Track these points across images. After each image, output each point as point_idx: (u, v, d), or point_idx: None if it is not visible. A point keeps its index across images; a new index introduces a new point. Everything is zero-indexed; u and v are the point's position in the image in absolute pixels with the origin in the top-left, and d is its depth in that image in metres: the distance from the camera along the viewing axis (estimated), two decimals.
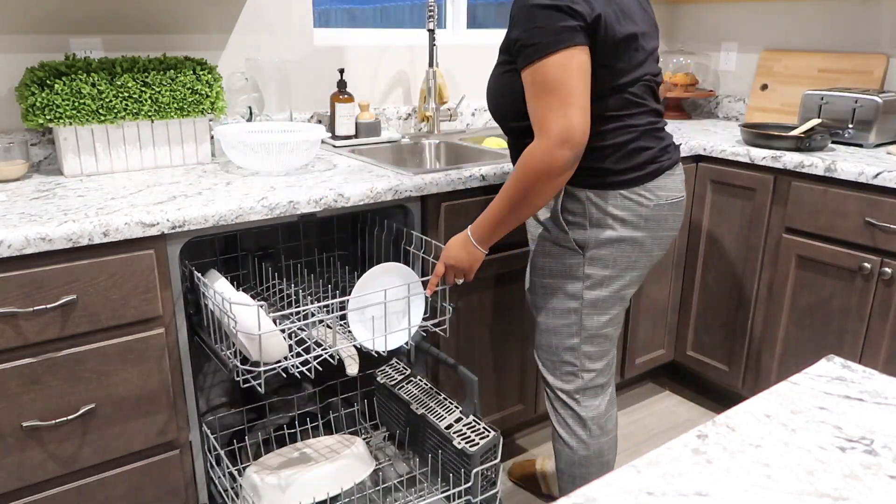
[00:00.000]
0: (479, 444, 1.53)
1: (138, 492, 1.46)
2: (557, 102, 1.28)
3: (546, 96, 1.29)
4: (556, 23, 1.27)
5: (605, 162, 1.39)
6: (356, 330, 1.50)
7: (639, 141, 1.41)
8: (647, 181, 1.42)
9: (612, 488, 0.60)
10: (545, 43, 1.28)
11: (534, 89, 1.31)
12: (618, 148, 1.39)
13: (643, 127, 1.41)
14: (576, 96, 1.28)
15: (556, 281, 1.51)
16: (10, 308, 1.23)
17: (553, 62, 1.28)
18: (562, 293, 1.51)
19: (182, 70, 1.72)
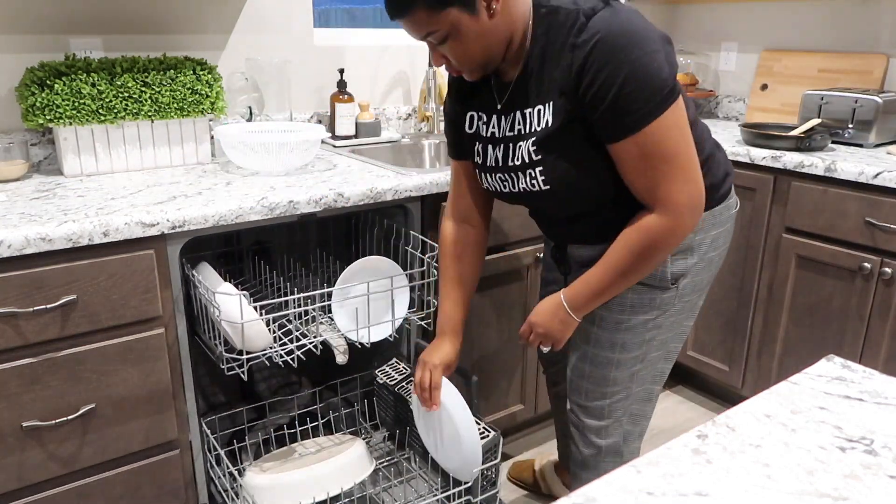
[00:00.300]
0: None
1: (138, 492, 1.46)
2: (679, 170, 1.12)
3: (662, 166, 1.12)
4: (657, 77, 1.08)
5: (707, 180, 1.25)
6: (340, 321, 1.54)
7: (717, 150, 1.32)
8: (731, 190, 1.34)
9: (612, 488, 0.60)
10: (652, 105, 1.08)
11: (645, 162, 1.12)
12: (709, 161, 1.27)
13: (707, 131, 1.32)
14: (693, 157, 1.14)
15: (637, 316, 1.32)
16: (10, 308, 1.23)
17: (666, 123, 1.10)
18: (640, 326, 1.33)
19: (182, 70, 1.72)
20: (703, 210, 1.18)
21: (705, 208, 1.26)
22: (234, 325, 1.39)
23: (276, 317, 1.60)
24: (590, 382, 1.40)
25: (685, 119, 1.13)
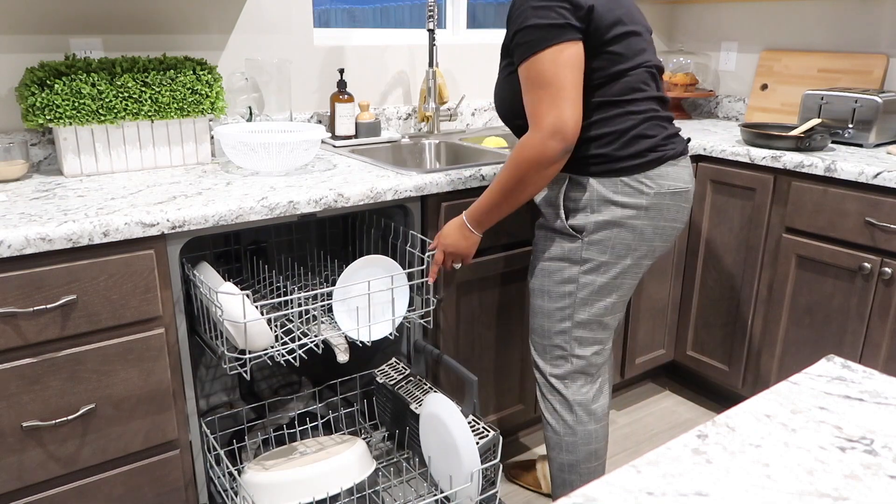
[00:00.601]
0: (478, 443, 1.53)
1: (138, 492, 1.46)
2: (549, 96, 1.34)
3: (538, 91, 1.35)
4: (547, 20, 1.33)
5: (608, 148, 1.42)
6: (341, 320, 1.55)
7: (640, 127, 1.43)
8: (648, 168, 1.44)
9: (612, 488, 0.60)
10: (537, 39, 1.34)
11: (527, 84, 1.37)
12: (620, 134, 1.42)
13: (645, 114, 1.44)
14: (567, 90, 1.34)
15: (554, 264, 1.54)
16: (10, 308, 1.23)
17: (544, 58, 1.34)
18: (559, 276, 1.54)
19: (182, 70, 1.72)
20: (568, 139, 1.35)
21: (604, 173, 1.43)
22: (236, 325, 1.40)
23: (277, 316, 1.61)
24: (534, 335, 1.64)
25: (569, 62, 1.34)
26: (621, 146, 1.42)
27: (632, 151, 1.43)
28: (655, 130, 1.45)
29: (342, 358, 1.57)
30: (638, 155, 1.43)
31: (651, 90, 1.46)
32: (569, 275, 1.52)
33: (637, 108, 1.43)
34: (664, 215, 1.48)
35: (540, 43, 1.33)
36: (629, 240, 1.48)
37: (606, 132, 1.42)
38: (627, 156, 1.43)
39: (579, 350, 1.58)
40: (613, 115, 1.42)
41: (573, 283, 1.52)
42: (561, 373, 1.61)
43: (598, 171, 1.44)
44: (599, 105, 1.42)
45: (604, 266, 1.50)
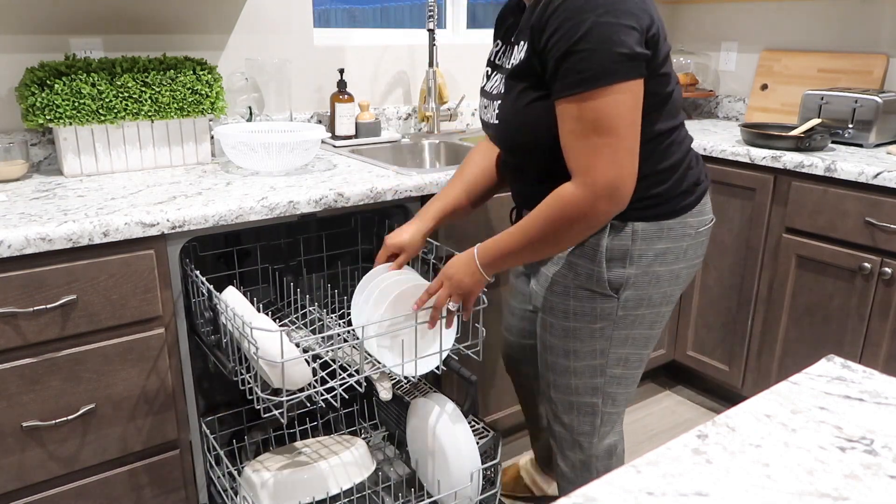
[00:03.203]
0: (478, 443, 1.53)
1: (138, 492, 1.46)
2: (610, 148, 1.08)
3: (594, 138, 1.08)
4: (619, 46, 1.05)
5: (661, 188, 1.21)
6: (383, 354, 1.41)
7: (688, 158, 1.25)
8: (695, 206, 1.26)
9: (612, 488, 0.60)
10: (602, 71, 1.05)
11: (579, 126, 1.09)
12: (673, 170, 1.22)
13: (687, 140, 1.26)
14: (630, 141, 1.09)
15: (583, 325, 1.31)
16: (10, 308, 1.23)
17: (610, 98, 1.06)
18: (587, 334, 1.32)
19: (182, 70, 1.72)
20: (623, 201, 1.12)
21: (654, 217, 1.22)
22: (273, 365, 1.26)
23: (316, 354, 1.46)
24: (555, 391, 1.41)
25: (635, 104, 1.09)
26: (674, 184, 1.22)
27: (682, 189, 1.23)
28: (696, 160, 1.27)
29: (386, 396, 1.46)
30: (687, 192, 1.24)
31: (682, 111, 1.25)
32: (601, 334, 1.31)
33: (683, 134, 1.25)
34: (698, 252, 1.30)
35: (607, 76, 1.05)
36: (666, 287, 1.28)
37: (660, 168, 1.20)
38: (678, 194, 1.23)
39: (612, 408, 1.40)
40: (665, 146, 1.20)
41: (606, 340, 1.31)
42: (588, 429, 1.42)
43: (646, 215, 1.22)
44: (649, 135, 1.17)
45: (639, 320, 1.30)
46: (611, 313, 1.29)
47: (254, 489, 1.53)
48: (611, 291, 1.27)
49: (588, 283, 1.27)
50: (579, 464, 1.47)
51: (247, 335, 1.25)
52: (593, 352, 1.33)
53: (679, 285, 1.31)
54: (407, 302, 1.40)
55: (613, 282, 1.25)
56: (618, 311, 1.28)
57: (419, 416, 1.59)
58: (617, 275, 1.25)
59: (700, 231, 1.29)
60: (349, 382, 1.37)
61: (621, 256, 1.24)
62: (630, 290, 1.26)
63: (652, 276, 1.26)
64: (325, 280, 1.99)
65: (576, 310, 1.31)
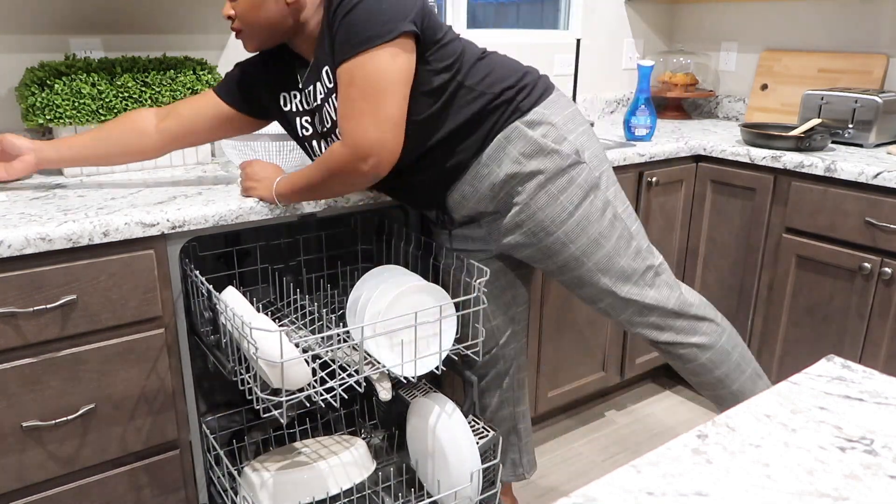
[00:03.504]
0: (478, 443, 1.53)
1: (138, 492, 1.46)
2: (371, 111, 1.22)
3: (359, 101, 1.22)
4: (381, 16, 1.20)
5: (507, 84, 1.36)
6: (382, 354, 1.42)
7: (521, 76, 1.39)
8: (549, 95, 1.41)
9: (612, 488, 0.60)
10: (370, 37, 1.20)
11: (346, 88, 1.24)
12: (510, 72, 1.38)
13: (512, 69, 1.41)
14: (393, 108, 1.23)
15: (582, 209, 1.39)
16: (10, 308, 1.23)
17: (375, 61, 1.21)
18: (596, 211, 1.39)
19: (182, 70, 1.72)
20: (382, 167, 1.25)
21: (523, 109, 1.34)
22: (272, 365, 1.27)
23: (318, 353, 1.47)
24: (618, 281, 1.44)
25: (401, 71, 1.21)
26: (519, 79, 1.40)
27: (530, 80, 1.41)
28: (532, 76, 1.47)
29: (385, 396, 1.47)
30: (538, 82, 1.43)
31: None
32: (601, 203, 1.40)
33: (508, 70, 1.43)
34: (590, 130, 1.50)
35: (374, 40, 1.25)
36: (591, 135, 1.45)
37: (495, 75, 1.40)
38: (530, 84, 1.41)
39: (655, 259, 1.47)
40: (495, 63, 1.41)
41: (608, 205, 1.41)
42: (666, 293, 1.47)
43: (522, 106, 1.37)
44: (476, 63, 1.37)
45: (605, 175, 1.42)
46: (591, 176, 1.39)
47: (254, 489, 1.54)
48: (578, 157, 1.38)
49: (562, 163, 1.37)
50: (689, 326, 1.49)
51: (246, 335, 1.25)
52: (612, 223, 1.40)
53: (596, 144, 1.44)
54: (406, 302, 1.40)
55: (570, 149, 1.37)
56: (593, 172, 1.40)
57: (419, 416, 1.59)
58: (568, 146, 1.37)
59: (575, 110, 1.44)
60: (349, 383, 1.37)
61: (559, 135, 1.37)
62: (583, 152, 1.39)
63: (582, 129, 1.42)
64: (324, 280, 1.99)
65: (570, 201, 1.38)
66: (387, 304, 1.38)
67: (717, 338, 1.53)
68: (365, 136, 1.22)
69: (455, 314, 1.48)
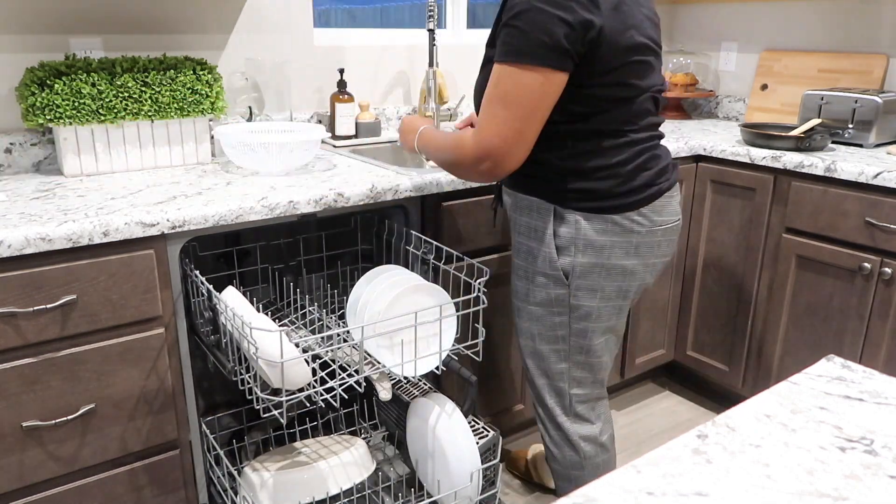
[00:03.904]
0: (478, 443, 1.53)
1: (138, 492, 1.46)
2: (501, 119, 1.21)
3: (496, 105, 1.21)
4: (547, 35, 1.15)
5: (602, 183, 1.30)
6: (382, 354, 1.41)
7: (639, 160, 1.31)
8: (643, 205, 1.32)
9: (612, 488, 0.60)
10: (528, 51, 1.16)
11: (496, 91, 1.21)
12: (617, 167, 1.29)
13: (644, 144, 1.32)
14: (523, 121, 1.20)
15: (541, 309, 1.41)
16: (10, 308, 1.23)
17: (520, 76, 1.18)
18: (548, 322, 1.42)
19: (182, 70, 1.72)
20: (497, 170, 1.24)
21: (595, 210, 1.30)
22: (272, 365, 1.27)
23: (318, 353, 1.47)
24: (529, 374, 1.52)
25: (544, 91, 1.19)
26: (617, 182, 1.29)
27: (628, 188, 1.30)
28: (653, 163, 1.32)
29: (385, 395, 1.48)
30: (634, 191, 1.30)
31: (652, 116, 1.32)
32: (559, 321, 1.40)
33: (637, 138, 1.30)
34: (655, 252, 1.37)
35: (532, 57, 1.16)
36: (619, 281, 1.36)
37: (601, 165, 1.28)
38: (622, 192, 1.30)
39: (578, 390, 1.48)
40: (611, 146, 1.28)
41: (565, 328, 1.41)
42: (561, 410, 1.51)
43: (587, 207, 1.30)
44: (594, 133, 1.27)
45: (595, 311, 1.38)
46: (564, 300, 1.38)
47: (254, 489, 1.53)
48: (563, 276, 1.36)
49: (543, 267, 1.38)
50: (560, 440, 1.53)
51: (246, 335, 1.25)
52: (555, 338, 1.43)
53: (636, 280, 1.38)
54: (406, 302, 1.40)
55: (564, 268, 1.35)
56: (570, 299, 1.38)
57: (419, 416, 1.59)
58: (566, 262, 1.35)
59: (653, 230, 1.34)
60: (349, 382, 1.37)
61: (568, 244, 1.34)
62: (580, 279, 1.35)
63: (601, 268, 1.34)
64: (324, 280, 1.99)
65: (535, 295, 1.41)
66: (387, 304, 1.38)
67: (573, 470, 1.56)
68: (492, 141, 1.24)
69: (455, 314, 1.47)
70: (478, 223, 1.80)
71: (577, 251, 1.33)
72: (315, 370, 1.48)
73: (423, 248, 1.71)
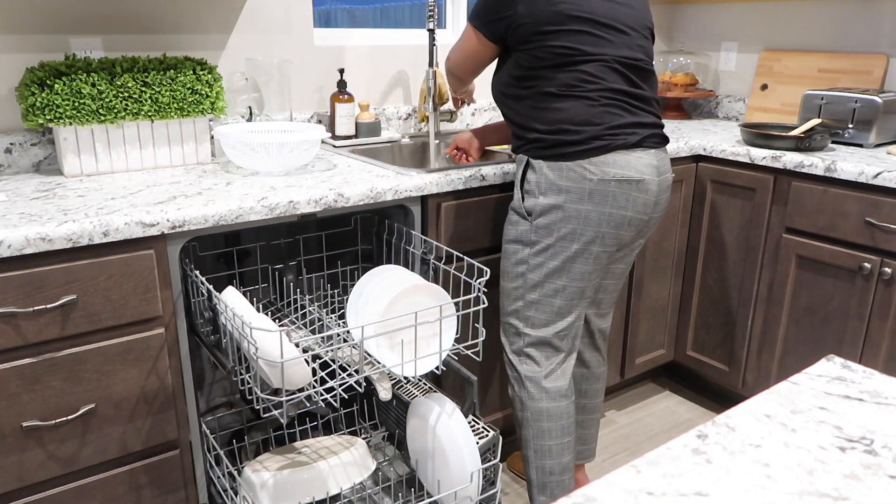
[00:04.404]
0: (478, 443, 1.53)
1: (138, 492, 1.46)
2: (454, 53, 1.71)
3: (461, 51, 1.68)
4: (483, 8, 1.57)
5: (554, 136, 1.51)
6: (383, 354, 1.42)
7: (585, 115, 1.50)
8: (592, 155, 1.49)
9: (612, 488, 0.60)
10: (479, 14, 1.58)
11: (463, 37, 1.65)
12: (565, 122, 1.50)
13: (597, 102, 1.50)
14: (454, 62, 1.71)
15: (511, 245, 1.61)
16: (10, 308, 1.23)
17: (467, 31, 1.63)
18: (514, 257, 1.61)
19: (182, 70, 1.72)
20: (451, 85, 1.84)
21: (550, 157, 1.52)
22: (272, 365, 1.28)
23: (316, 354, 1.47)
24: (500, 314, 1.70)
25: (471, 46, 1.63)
26: (567, 134, 1.50)
27: (577, 138, 1.49)
28: (604, 119, 1.50)
29: (385, 395, 1.49)
30: (582, 142, 1.49)
31: (608, 82, 1.51)
32: (521, 256, 1.59)
33: (586, 97, 1.50)
34: (610, 202, 1.51)
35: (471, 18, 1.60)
36: (573, 224, 1.52)
37: (552, 118, 1.51)
38: (570, 142, 1.50)
39: (529, 329, 1.62)
40: (559, 104, 1.50)
41: (524, 264, 1.59)
42: (514, 349, 1.65)
43: (548, 154, 1.52)
44: (545, 93, 1.51)
45: (551, 248, 1.55)
46: (526, 235, 1.58)
47: (254, 489, 1.54)
48: (526, 214, 1.57)
49: (516, 206, 1.60)
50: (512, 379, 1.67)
51: (246, 335, 1.25)
52: (516, 275, 1.61)
53: (591, 227, 1.52)
54: (407, 302, 1.40)
55: (527, 208, 1.57)
56: (531, 235, 1.57)
57: (419, 416, 1.59)
58: (529, 202, 1.56)
59: (605, 181, 1.50)
60: (349, 382, 1.38)
61: (534, 189, 1.55)
62: (540, 216, 1.55)
63: (559, 210, 1.52)
64: (324, 280, 1.99)
65: (507, 232, 1.63)
66: (387, 303, 1.38)
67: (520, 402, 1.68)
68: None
69: (455, 314, 1.47)
70: (478, 223, 1.80)
71: (539, 193, 1.54)
72: (315, 370, 1.48)
73: (423, 248, 1.71)
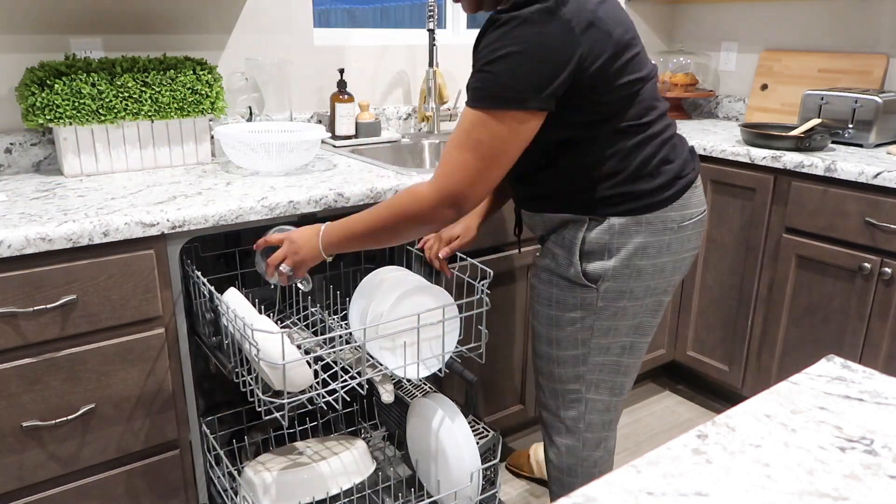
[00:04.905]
0: (478, 443, 1.53)
1: (138, 492, 1.46)
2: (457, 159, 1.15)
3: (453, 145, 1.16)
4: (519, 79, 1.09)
5: (631, 185, 1.24)
6: (385, 356, 1.40)
7: (661, 153, 1.25)
8: (674, 200, 1.27)
9: (612, 488, 0.60)
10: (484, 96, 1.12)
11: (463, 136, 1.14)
12: (641, 166, 1.24)
13: (663, 134, 1.26)
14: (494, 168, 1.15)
15: (564, 315, 1.35)
16: (10, 308, 1.23)
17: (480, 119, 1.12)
18: (569, 326, 1.35)
19: (182, 70, 1.72)
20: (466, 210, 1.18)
21: (630, 212, 1.25)
22: (274, 367, 1.26)
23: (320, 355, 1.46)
24: (542, 378, 1.45)
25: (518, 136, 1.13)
26: (645, 179, 1.24)
27: (656, 184, 1.25)
28: (675, 153, 1.27)
29: (388, 398, 1.47)
30: (664, 187, 1.26)
31: (659, 102, 1.26)
32: (581, 325, 1.34)
33: (654, 131, 1.24)
34: (684, 246, 1.32)
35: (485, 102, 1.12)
36: (648, 280, 1.30)
37: (626, 166, 1.23)
38: (651, 190, 1.25)
39: (595, 394, 1.41)
40: (632, 144, 1.22)
41: (587, 330, 1.34)
42: (574, 415, 1.43)
43: (621, 210, 1.25)
44: (613, 135, 1.21)
45: (621, 311, 1.32)
46: (591, 303, 1.32)
47: (254, 489, 1.53)
48: (588, 283, 1.30)
49: (566, 274, 1.32)
50: (565, 450, 1.47)
51: (248, 337, 1.24)
52: (575, 341, 1.36)
53: (665, 278, 1.32)
54: (409, 304, 1.40)
55: (591, 274, 1.29)
56: (598, 302, 1.31)
57: (419, 417, 1.59)
58: (595, 267, 1.28)
59: (684, 225, 1.30)
60: (350, 385, 1.37)
61: (600, 250, 1.27)
62: (609, 281, 1.29)
63: (633, 269, 1.28)
64: (326, 281, 1.99)
65: (557, 298, 1.35)
66: (389, 305, 1.38)
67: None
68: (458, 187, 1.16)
69: (458, 316, 1.47)
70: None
71: (608, 256, 1.27)
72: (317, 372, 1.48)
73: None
